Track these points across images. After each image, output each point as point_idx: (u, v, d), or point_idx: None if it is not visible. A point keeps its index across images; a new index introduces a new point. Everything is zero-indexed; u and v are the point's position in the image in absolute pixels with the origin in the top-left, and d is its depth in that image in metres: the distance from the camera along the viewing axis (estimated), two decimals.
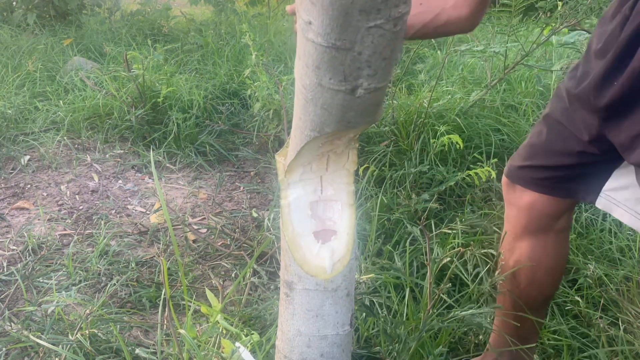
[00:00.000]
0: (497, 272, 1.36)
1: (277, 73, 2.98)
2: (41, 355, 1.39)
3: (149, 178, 2.70)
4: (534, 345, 1.44)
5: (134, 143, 2.98)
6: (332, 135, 0.80)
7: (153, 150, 2.90)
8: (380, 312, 1.53)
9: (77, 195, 2.48)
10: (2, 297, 1.76)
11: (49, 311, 1.59)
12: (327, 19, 0.64)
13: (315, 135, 0.79)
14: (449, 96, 2.78)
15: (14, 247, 2.05)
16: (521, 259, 1.31)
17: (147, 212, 2.39)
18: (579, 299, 1.68)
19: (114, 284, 1.78)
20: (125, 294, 1.79)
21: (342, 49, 0.66)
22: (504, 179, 1.33)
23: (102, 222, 2.22)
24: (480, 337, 1.55)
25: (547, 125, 1.21)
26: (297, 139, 0.83)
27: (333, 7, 0.62)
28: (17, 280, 1.79)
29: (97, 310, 1.51)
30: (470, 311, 1.28)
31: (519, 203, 1.28)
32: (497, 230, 1.93)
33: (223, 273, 1.93)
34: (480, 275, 1.51)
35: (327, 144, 0.86)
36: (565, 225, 1.29)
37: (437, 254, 1.71)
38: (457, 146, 2.22)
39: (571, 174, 1.18)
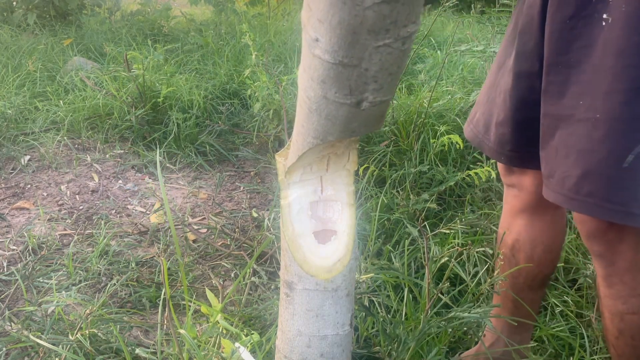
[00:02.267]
0: (496, 273, 1.37)
1: (277, 73, 2.98)
2: (41, 355, 1.39)
3: (149, 178, 2.70)
4: (532, 344, 1.44)
5: (134, 143, 2.98)
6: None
7: (153, 150, 2.90)
8: (379, 312, 1.54)
9: (77, 195, 2.48)
10: (2, 297, 1.76)
11: (49, 311, 1.59)
12: (335, 38, 0.63)
13: (318, 143, 0.79)
14: (449, 96, 2.78)
15: (14, 247, 2.05)
16: (519, 236, 1.33)
17: (147, 212, 2.39)
18: (579, 298, 1.68)
19: (114, 284, 1.78)
20: (125, 294, 1.79)
21: (349, 66, 0.65)
22: (500, 165, 1.34)
23: (102, 222, 2.22)
24: (480, 335, 1.55)
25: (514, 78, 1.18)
26: (299, 145, 0.83)
27: (341, 27, 0.62)
28: (17, 280, 1.79)
29: (97, 310, 1.51)
30: (466, 311, 1.29)
31: (520, 183, 1.30)
32: (497, 230, 1.93)
33: (223, 273, 1.93)
34: (479, 275, 1.52)
35: (328, 147, 0.86)
36: None
37: (436, 254, 1.71)
38: (457, 146, 2.22)
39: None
